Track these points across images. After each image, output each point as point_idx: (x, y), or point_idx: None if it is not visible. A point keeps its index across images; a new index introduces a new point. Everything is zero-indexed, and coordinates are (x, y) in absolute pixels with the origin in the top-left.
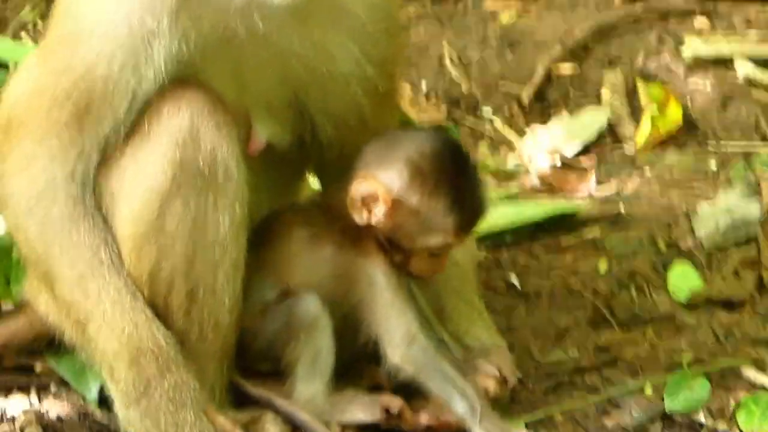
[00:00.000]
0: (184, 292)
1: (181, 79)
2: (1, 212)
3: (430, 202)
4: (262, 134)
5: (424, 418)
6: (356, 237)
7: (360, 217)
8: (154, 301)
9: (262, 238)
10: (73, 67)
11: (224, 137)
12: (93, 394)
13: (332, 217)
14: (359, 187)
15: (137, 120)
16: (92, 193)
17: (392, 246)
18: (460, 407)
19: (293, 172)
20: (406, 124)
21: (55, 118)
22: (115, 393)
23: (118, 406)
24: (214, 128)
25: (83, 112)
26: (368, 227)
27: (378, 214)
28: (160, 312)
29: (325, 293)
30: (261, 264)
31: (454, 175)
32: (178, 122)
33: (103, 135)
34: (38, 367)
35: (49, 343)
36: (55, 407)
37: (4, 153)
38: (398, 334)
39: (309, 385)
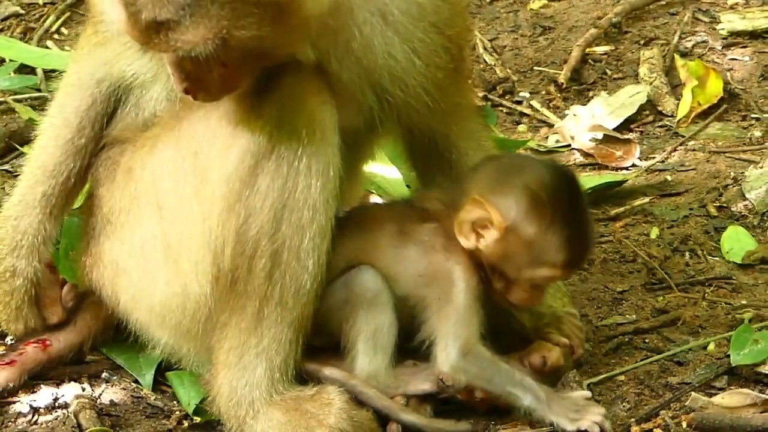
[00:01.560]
0: (269, 253)
1: None
2: None
3: (545, 235)
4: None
5: (478, 392)
6: (446, 242)
7: (467, 241)
8: (238, 261)
9: (348, 227)
10: None
11: (324, 102)
12: (147, 378)
13: (425, 218)
14: (471, 210)
15: None
16: None
17: (494, 273)
18: (525, 402)
19: (358, 157)
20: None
21: None
22: None
23: None
24: (315, 91)
25: None
26: (473, 251)
27: (488, 241)
28: (243, 275)
29: (402, 287)
30: (343, 250)
31: (571, 210)
32: (279, 84)
33: None
34: (89, 357)
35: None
36: (108, 393)
37: None
38: (456, 343)
39: (371, 361)
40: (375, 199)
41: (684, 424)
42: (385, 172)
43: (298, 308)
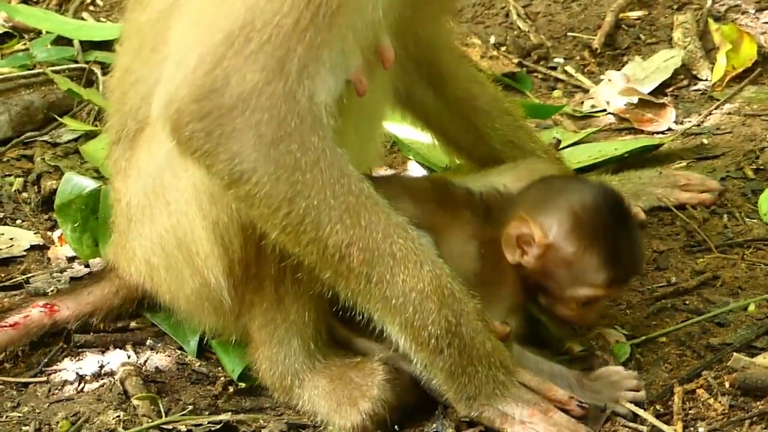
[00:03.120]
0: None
1: None
2: (218, 155)
3: (584, 255)
4: (391, 47)
5: None
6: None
7: (512, 255)
8: (248, 249)
9: (425, 193)
10: None
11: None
12: (192, 345)
13: (490, 221)
14: (517, 227)
15: None
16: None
17: (540, 290)
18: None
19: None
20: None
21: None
22: (418, 341)
23: (425, 356)
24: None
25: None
26: (518, 266)
27: (530, 257)
28: (254, 260)
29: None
30: (410, 212)
31: (613, 232)
32: None
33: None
34: (133, 324)
35: (138, 304)
36: (153, 359)
37: (233, 81)
38: None
39: None
40: (414, 165)
41: (726, 385)
42: (424, 138)
43: (316, 281)
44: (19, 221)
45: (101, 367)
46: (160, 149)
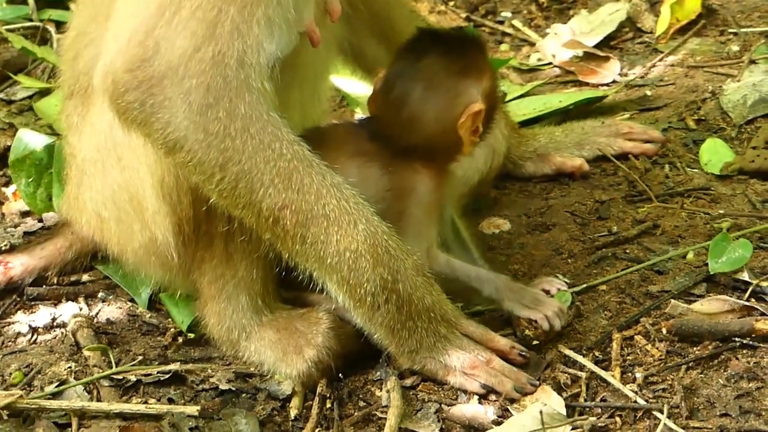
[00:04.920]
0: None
1: None
2: (152, 124)
3: (491, 76)
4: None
5: None
6: (405, 157)
7: (473, 143)
8: (197, 208)
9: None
10: None
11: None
12: (143, 297)
13: (381, 136)
14: (466, 123)
15: None
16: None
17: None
18: (486, 292)
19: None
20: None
21: None
22: (355, 298)
23: (363, 312)
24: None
25: None
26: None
27: (481, 124)
28: (203, 219)
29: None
30: None
31: (473, 47)
32: None
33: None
34: (85, 277)
35: (92, 257)
36: (104, 311)
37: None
38: (421, 248)
39: None
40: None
41: (664, 331)
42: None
43: (261, 241)
44: None
45: (53, 319)
46: None
